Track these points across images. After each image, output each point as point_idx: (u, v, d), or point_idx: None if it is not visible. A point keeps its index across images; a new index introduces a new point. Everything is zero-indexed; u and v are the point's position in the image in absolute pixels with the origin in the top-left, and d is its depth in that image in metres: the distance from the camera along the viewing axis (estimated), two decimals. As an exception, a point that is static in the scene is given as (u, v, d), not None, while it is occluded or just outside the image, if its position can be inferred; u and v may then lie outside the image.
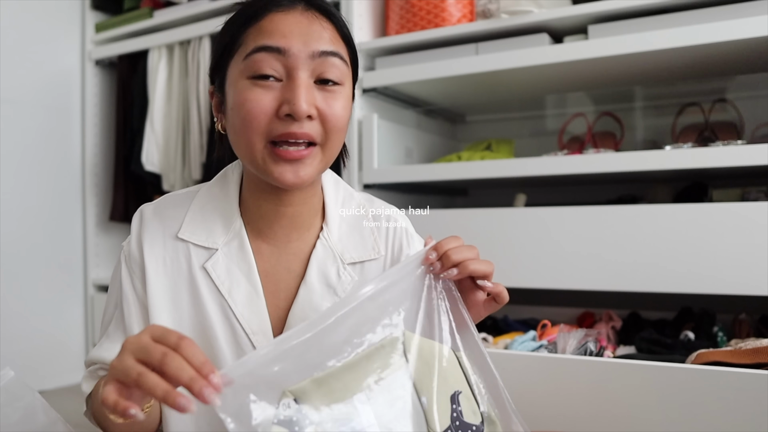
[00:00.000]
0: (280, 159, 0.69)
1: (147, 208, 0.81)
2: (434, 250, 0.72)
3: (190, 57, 2.02)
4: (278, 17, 0.70)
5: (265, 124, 0.69)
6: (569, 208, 1.39)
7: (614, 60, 1.42)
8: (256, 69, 0.69)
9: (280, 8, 0.70)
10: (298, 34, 0.69)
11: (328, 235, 0.81)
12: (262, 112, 0.68)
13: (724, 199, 1.56)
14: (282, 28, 0.69)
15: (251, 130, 0.69)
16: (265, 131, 0.69)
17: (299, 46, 0.68)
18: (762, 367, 1.00)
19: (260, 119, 0.68)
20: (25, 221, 2.11)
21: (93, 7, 2.31)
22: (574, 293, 1.60)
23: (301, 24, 0.70)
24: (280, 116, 0.68)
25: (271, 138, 0.69)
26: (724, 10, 1.32)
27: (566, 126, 1.78)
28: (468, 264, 0.71)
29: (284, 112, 0.68)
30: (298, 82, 0.68)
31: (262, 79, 0.69)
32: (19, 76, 2.10)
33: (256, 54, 0.68)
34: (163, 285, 0.77)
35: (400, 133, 1.79)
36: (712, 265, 1.24)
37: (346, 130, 0.75)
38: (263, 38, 0.69)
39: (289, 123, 0.68)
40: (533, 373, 1.10)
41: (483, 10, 1.56)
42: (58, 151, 2.24)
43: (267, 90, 0.69)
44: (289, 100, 0.68)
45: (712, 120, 1.60)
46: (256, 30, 0.70)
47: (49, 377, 2.14)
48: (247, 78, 0.69)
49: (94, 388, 0.77)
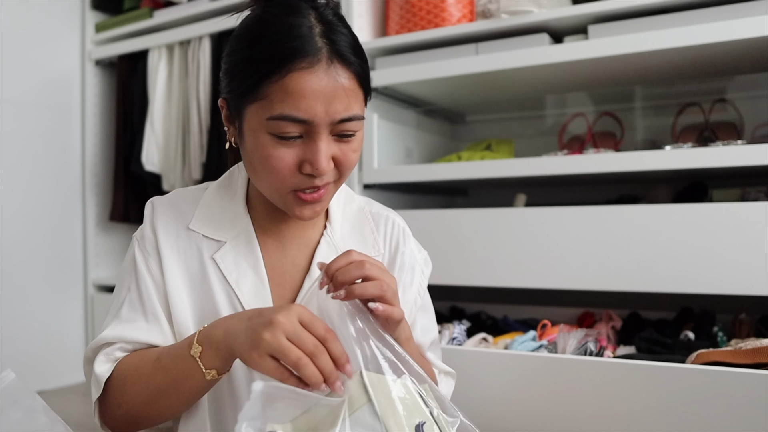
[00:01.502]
0: (303, 202, 0.75)
1: (159, 200, 0.84)
2: (325, 273, 0.70)
3: (190, 57, 2.02)
4: (303, 78, 0.68)
5: (288, 178, 0.73)
6: (569, 208, 1.39)
7: (614, 60, 1.42)
8: (279, 131, 0.71)
9: (303, 64, 0.69)
10: (322, 101, 0.69)
11: (331, 232, 0.86)
12: (286, 168, 0.72)
13: (724, 199, 1.56)
14: (306, 94, 0.69)
15: (275, 181, 0.74)
16: (290, 184, 0.74)
17: (322, 115, 0.70)
18: (762, 367, 1.00)
19: (284, 174, 0.72)
20: (25, 221, 2.11)
21: (93, 7, 2.31)
22: (574, 293, 1.60)
23: (324, 89, 0.69)
24: (302, 172, 0.73)
25: (295, 189, 0.74)
26: (724, 10, 1.32)
27: (566, 126, 1.78)
28: (354, 288, 0.68)
29: (306, 171, 0.72)
30: (319, 145, 0.71)
31: (285, 140, 0.71)
32: (19, 76, 2.10)
33: (281, 121, 0.70)
34: (179, 270, 0.80)
35: (400, 133, 1.79)
36: (712, 265, 1.24)
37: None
38: (288, 105, 0.69)
39: (311, 178, 0.73)
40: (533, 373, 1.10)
41: (483, 10, 1.56)
42: (58, 151, 2.24)
43: (289, 148, 0.72)
44: (311, 161, 0.72)
45: (712, 120, 1.60)
46: (280, 89, 0.69)
47: (49, 377, 2.14)
48: (269, 133, 0.71)
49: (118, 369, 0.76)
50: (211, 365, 0.68)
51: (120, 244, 2.38)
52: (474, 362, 1.14)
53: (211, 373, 0.68)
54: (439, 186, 1.90)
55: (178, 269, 0.80)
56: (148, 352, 0.75)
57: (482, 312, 1.73)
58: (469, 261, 1.48)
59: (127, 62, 2.24)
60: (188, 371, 0.69)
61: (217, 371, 0.68)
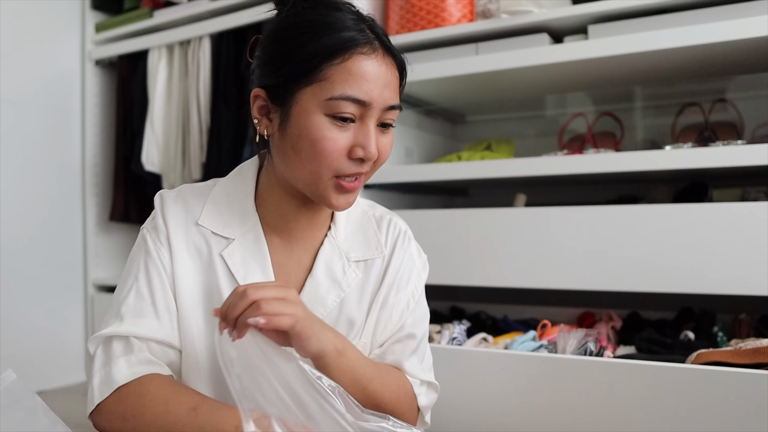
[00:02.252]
0: (343, 189, 0.76)
1: (167, 193, 0.85)
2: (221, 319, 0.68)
3: (190, 57, 2.02)
4: (364, 62, 0.73)
5: (336, 161, 0.74)
6: (569, 208, 1.39)
7: (614, 60, 1.42)
8: (338, 111, 0.73)
9: (364, 49, 0.73)
10: (381, 86, 0.74)
11: (335, 233, 0.87)
12: (338, 151, 0.74)
13: (724, 199, 1.56)
14: (369, 77, 0.73)
15: (322, 165, 0.74)
16: (336, 168, 0.75)
17: (379, 99, 0.74)
18: (762, 367, 1.00)
19: (334, 157, 0.74)
20: (25, 221, 2.11)
21: (93, 7, 2.31)
22: (574, 293, 1.60)
23: (382, 75, 0.74)
24: (352, 157, 0.75)
25: (338, 174, 0.75)
26: (724, 10, 1.32)
27: (566, 126, 1.78)
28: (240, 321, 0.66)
29: (357, 155, 0.74)
30: (371, 129, 0.75)
31: (342, 121, 0.73)
32: (19, 76, 2.10)
33: (344, 101, 0.72)
34: (190, 263, 0.80)
35: (400, 133, 1.79)
36: (712, 265, 1.24)
37: None
38: (351, 85, 0.72)
39: (359, 164, 0.75)
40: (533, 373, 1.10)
41: (483, 10, 1.56)
42: (58, 151, 2.24)
43: (344, 131, 0.74)
44: (362, 144, 0.74)
45: (712, 120, 1.60)
46: (343, 70, 0.72)
47: (49, 377, 2.14)
48: (325, 115, 0.73)
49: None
50: None
51: (120, 244, 2.38)
52: (474, 362, 1.14)
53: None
54: (439, 186, 1.90)
55: (188, 262, 0.80)
56: (183, 392, 0.73)
57: (482, 312, 1.73)
58: (469, 261, 1.48)
59: (127, 62, 2.24)
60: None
61: None
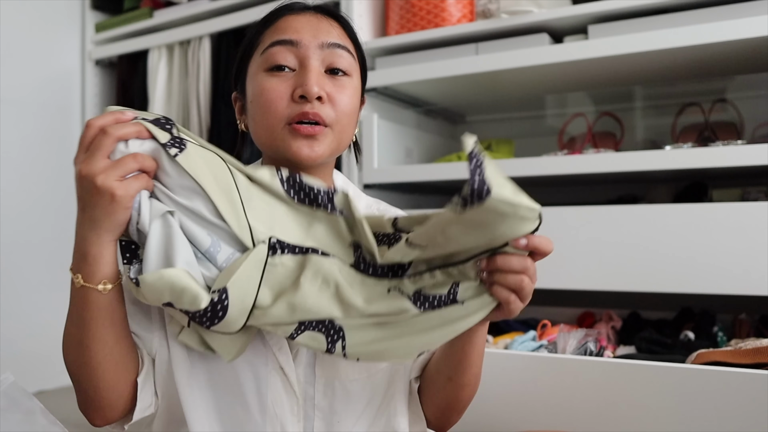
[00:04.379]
0: (298, 134, 0.76)
1: None
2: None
3: (190, 57, 2.02)
4: (291, 18, 0.80)
5: (282, 108, 0.76)
6: (569, 208, 1.39)
7: (614, 60, 1.42)
8: (272, 61, 0.77)
9: (293, 11, 0.81)
10: (309, 29, 0.79)
11: None
12: (279, 97, 0.76)
13: (724, 199, 1.56)
14: (294, 24, 0.79)
15: (270, 115, 0.77)
16: (283, 114, 0.76)
17: (309, 38, 0.78)
18: (762, 367, 1.00)
19: (277, 103, 0.76)
20: (25, 221, 2.11)
21: (93, 7, 2.31)
22: (574, 293, 1.60)
23: (311, 21, 0.80)
24: (295, 99, 0.76)
25: (288, 120, 0.77)
26: (724, 10, 1.32)
27: (566, 126, 1.78)
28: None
29: (298, 95, 0.76)
30: (309, 68, 0.77)
31: (278, 70, 0.77)
32: (19, 76, 2.09)
33: (272, 48, 0.77)
34: None
35: (400, 133, 1.79)
36: (712, 265, 1.24)
37: (354, 117, 0.82)
38: (278, 34, 0.78)
39: (303, 104, 0.76)
40: (533, 373, 1.10)
41: (483, 10, 1.56)
42: (58, 151, 2.23)
43: (282, 79, 0.77)
44: (301, 83, 0.76)
45: (712, 120, 1.60)
46: (272, 30, 0.80)
47: (49, 377, 2.14)
48: (264, 71, 0.78)
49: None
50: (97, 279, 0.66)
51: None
52: (474, 362, 1.13)
53: (104, 286, 0.67)
54: (439, 186, 1.90)
55: None
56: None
57: (482, 312, 1.73)
58: (469, 261, 1.47)
59: (127, 62, 2.23)
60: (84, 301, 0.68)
61: (107, 280, 0.67)
